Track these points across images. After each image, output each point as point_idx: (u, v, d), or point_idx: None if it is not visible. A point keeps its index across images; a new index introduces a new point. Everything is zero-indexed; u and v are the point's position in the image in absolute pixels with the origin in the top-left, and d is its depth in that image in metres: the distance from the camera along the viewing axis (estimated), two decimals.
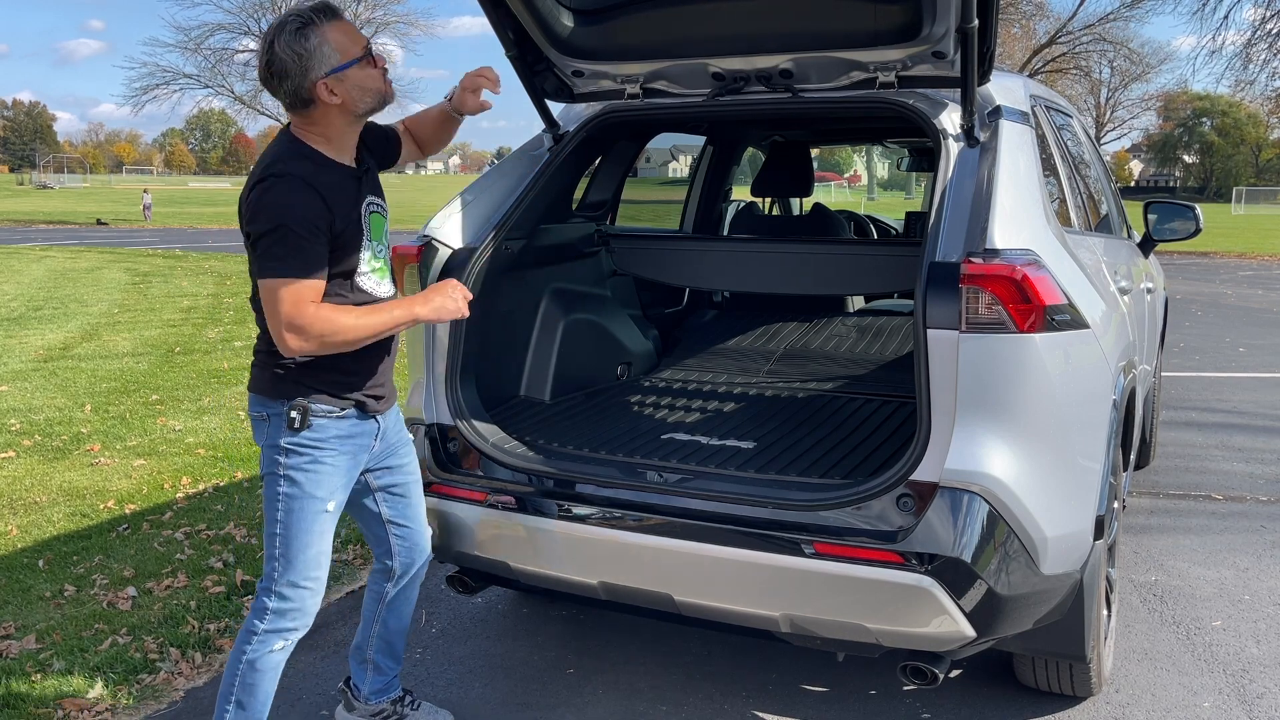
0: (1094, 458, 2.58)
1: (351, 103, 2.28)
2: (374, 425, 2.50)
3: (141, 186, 48.14)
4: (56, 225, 33.48)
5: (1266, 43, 28.36)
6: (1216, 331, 10.92)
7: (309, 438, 2.36)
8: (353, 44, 2.27)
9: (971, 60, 2.51)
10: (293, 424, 2.34)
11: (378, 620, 2.76)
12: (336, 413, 2.39)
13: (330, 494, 2.40)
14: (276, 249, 2.17)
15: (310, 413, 2.35)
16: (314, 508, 2.38)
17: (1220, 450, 5.91)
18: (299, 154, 2.28)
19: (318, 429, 2.37)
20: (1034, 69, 37.83)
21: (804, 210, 5.73)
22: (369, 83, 2.29)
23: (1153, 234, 4.50)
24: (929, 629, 2.34)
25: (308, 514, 2.38)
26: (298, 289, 2.18)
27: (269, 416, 2.37)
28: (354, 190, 2.34)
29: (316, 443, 2.37)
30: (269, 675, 2.43)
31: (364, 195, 2.38)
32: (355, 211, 2.32)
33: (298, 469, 2.36)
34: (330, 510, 2.41)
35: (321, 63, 2.22)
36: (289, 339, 2.19)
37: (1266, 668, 3.23)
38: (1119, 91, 58.46)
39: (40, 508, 4.78)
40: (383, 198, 2.51)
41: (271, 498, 2.38)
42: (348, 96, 2.27)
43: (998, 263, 2.30)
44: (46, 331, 10.30)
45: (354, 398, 2.42)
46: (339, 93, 2.25)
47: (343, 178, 2.32)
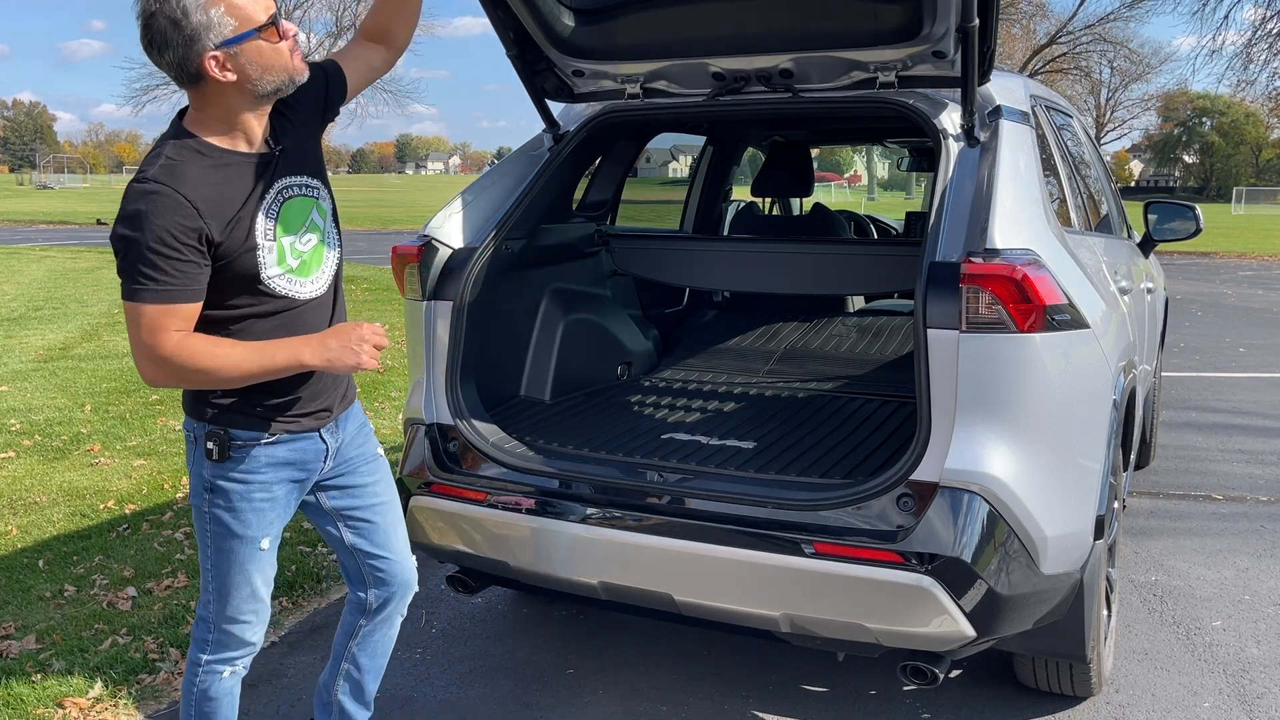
0: (1094, 458, 2.58)
1: (249, 81, 1.91)
2: (318, 445, 2.18)
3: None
4: (56, 225, 33.48)
5: (1267, 43, 28.37)
6: (1216, 331, 10.92)
7: (235, 471, 2.06)
8: (254, 9, 1.88)
9: (972, 60, 2.51)
10: (210, 455, 2.05)
11: (348, 658, 2.48)
12: (265, 438, 2.08)
13: (263, 531, 2.13)
14: (131, 268, 1.86)
15: (230, 442, 2.04)
16: (244, 549, 2.12)
17: (1220, 450, 5.91)
18: (180, 149, 1.93)
19: (243, 460, 2.06)
20: (1034, 69, 37.83)
21: (804, 210, 5.74)
22: (272, 59, 1.91)
23: (1153, 234, 4.50)
24: (929, 629, 2.34)
25: (238, 554, 2.13)
26: (156, 315, 1.87)
27: (196, 439, 2.10)
28: (254, 183, 1.99)
29: (244, 476, 2.07)
30: (225, 701, 2.28)
31: (273, 182, 2.02)
32: (252, 209, 1.97)
33: (223, 508, 2.08)
34: (265, 548, 2.16)
35: (210, 31, 1.84)
36: (144, 369, 1.92)
37: (1266, 668, 3.23)
38: (1119, 91, 58.51)
39: (40, 508, 4.78)
40: (314, 175, 2.13)
41: (200, 530, 2.14)
42: (244, 74, 1.90)
43: (998, 262, 2.30)
44: (46, 331, 10.30)
45: (285, 420, 2.09)
46: (234, 69, 1.88)
47: (241, 171, 1.98)
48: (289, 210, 2.05)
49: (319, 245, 2.12)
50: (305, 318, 2.09)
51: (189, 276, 1.89)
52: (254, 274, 1.99)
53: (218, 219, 1.92)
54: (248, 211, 1.97)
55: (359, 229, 33.51)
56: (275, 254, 2.02)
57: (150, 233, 1.84)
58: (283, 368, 1.96)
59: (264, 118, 2.02)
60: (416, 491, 2.86)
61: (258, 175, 2.00)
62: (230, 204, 1.94)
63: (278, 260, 2.03)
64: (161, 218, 1.84)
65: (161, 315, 1.88)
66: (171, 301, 1.88)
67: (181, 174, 1.89)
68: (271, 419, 2.07)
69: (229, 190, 1.95)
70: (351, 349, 1.98)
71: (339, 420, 2.24)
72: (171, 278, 1.87)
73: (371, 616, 2.45)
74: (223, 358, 1.92)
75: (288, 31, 1.96)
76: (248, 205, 1.97)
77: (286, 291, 2.06)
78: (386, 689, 3.11)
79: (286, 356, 1.96)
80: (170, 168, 1.89)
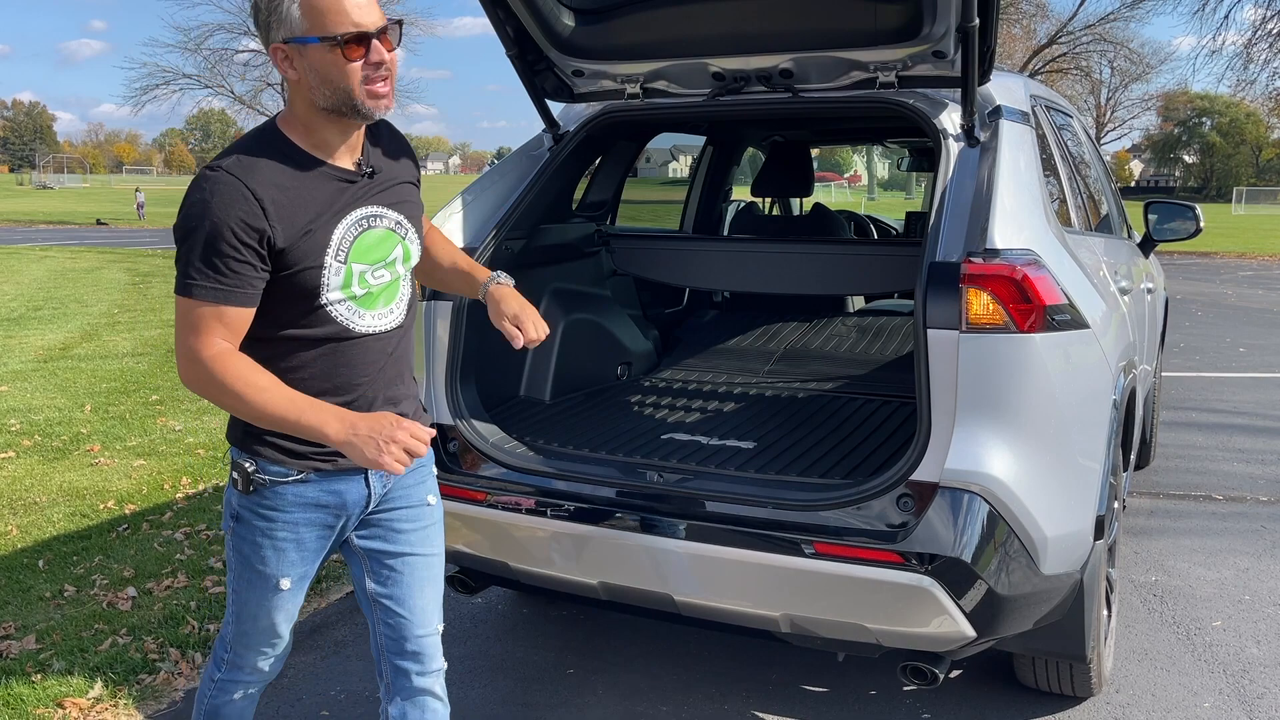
0: (1094, 458, 2.58)
1: (307, 86, 1.78)
2: (360, 489, 1.96)
3: (133, 186, 48.16)
4: (56, 225, 33.49)
5: (1267, 42, 28.36)
6: (1217, 331, 10.92)
7: (259, 506, 1.90)
8: (335, 18, 1.74)
9: (972, 60, 2.51)
10: (235, 485, 1.91)
11: None
12: (293, 476, 1.89)
13: (282, 572, 1.96)
14: (185, 260, 1.74)
15: (255, 476, 1.88)
16: (263, 585, 1.97)
17: (1220, 450, 5.91)
18: (262, 142, 1.83)
19: (270, 496, 1.89)
20: (1034, 69, 37.82)
21: (804, 210, 5.74)
22: (333, 73, 1.76)
23: (1153, 234, 4.50)
24: (929, 629, 2.34)
25: (256, 589, 1.98)
26: (202, 314, 1.74)
27: (232, 462, 1.95)
28: (332, 197, 1.84)
29: (268, 513, 1.90)
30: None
31: (356, 203, 1.87)
32: (327, 224, 1.82)
33: (245, 540, 1.94)
34: (284, 588, 1.98)
35: (283, 24, 1.76)
36: (182, 367, 1.78)
37: (1266, 668, 3.23)
38: (1119, 91, 58.46)
39: (40, 508, 4.77)
40: (409, 218, 1.97)
41: (228, 553, 2.01)
42: (304, 77, 1.78)
43: (998, 263, 2.30)
44: (46, 332, 10.30)
45: (319, 459, 1.89)
46: (295, 68, 1.78)
47: (321, 181, 1.83)
48: (369, 239, 1.88)
49: (393, 283, 1.94)
50: (354, 353, 1.89)
51: (242, 279, 1.75)
52: (315, 292, 1.82)
53: (285, 224, 1.77)
54: (322, 224, 1.81)
55: None
56: (343, 277, 1.85)
57: (210, 225, 1.71)
58: (306, 428, 1.75)
59: (346, 133, 1.86)
60: None
61: (339, 190, 1.85)
62: (302, 210, 1.79)
63: (343, 284, 1.85)
64: (224, 211, 1.71)
65: (208, 315, 1.74)
66: (220, 302, 1.74)
67: (254, 168, 1.76)
68: (303, 456, 1.88)
69: (304, 196, 1.80)
70: (378, 442, 1.72)
71: None
72: (224, 277, 1.73)
73: (390, 697, 2.07)
74: (254, 390, 1.74)
75: (372, 58, 1.77)
76: (323, 218, 1.82)
77: (344, 320, 1.87)
78: None
79: (313, 420, 1.74)
80: (244, 160, 1.77)
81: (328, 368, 1.87)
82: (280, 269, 1.79)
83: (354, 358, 1.90)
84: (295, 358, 1.86)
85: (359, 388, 1.91)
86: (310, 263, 1.80)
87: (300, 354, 1.86)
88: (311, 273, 1.81)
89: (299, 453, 1.87)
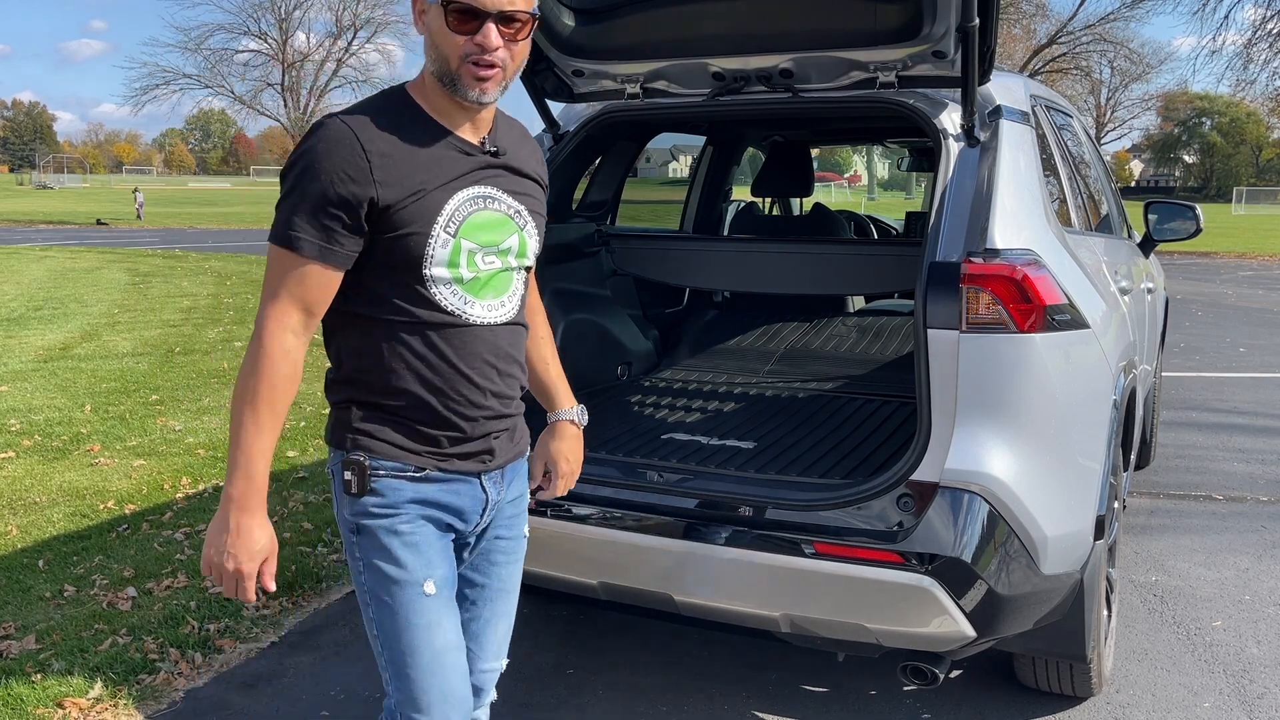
0: (1094, 458, 2.58)
1: (427, 47, 1.70)
2: (477, 493, 1.82)
3: (131, 186, 48.23)
4: (56, 225, 33.49)
5: (1267, 43, 28.37)
6: (1217, 331, 10.92)
7: (376, 506, 1.73)
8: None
9: (972, 60, 2.51)
10: (350, 488, 1.73)
11: None
12: (411, 471, 1.75)
13: (424, 571, 1.75)
14: (280, 202, 1.66)
15: (371, 472, 1.73)
16: (406, 597, 1.73)
17: (1220, 450, 5.91)
18: (386, 99, 1.73)
19: (387, 492, 1.74)
20: (1034, 69, 37.83)
21: (804, 210, 5.73)
22: (440, 38, 1.66)
23: (1153, 234, 4.50)
24: (929, 629, 2.34)
25: (402, 607, 1.74)
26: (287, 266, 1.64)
27: (332, 473, 1.79)
28: (449, 165, 1.71)
29: (388, 511, 1.74)
30: None
31: (474, 179, 1.74)
32: (441, 192, 1.69)
33: (373, 549, 1.74)
34: (431, 593, 1.75)
35: None
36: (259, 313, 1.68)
37: (1267, 668, 3.23)
38: (1119, 91, 58.51)
39: (40, 508, 4.77)
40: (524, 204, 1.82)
41: (359, 591, 1.79)
42: (426, 36, 1.70)
43: (998, 262, 2.30)
44: (46, 332, 10.30)
45: (435, 455, 1.76)
46: (423, 24, 1.70)
47: (438, 144, 1.71)
48: (482, 218, 1.74)
49: (504, 274, 1.79)
50: (464, 343, 1.74)
51: (332, 234, 1.63)
52: (417, 262, 1.68)
53: (393, 182, 1.65)
54: (435, 190, 1.69)
55: None
56: (449, 251, 1.70)
57: (310, 174, 1.62)
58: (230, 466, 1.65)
59: (463, 108, 1.72)
60: None
61: (457, 160, 1.73)
62: (415, 171, 1.67)
63: (449, 260, 1.70)
64: (327, 160, 1.62)
65: (291, 266, 1.63)
66: (305, 254, 1.63)
67: (370, 121, 1.67)
68: (419, 450, 1.75)
69: (418, 157, 1.68)
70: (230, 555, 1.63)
71: (505, 471, 1.88)
72: (314, 230, 1.63)
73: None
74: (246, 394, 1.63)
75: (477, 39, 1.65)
76: (436, 183, 1.69)
77: (451, 305, 1.72)
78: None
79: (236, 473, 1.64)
80: (362, 113, 1.68)
81: (437, 359, 1.73)
82: (384, 230, 1.66)
83: (465, 348, 1.74)
84: (403, 345, 1.71)
85: (469, 382, 1.75)
86: (417, 228, 1.67)
87: (408, 340, 1.71)
88: (416, 239, 1.67)
89: (414, 448, 1.75)
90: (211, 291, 14.09)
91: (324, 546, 4.24)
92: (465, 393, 1.75)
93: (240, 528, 1.63)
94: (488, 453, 1.81)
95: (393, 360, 1.72)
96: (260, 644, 3.43)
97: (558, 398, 2.09)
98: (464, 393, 1.75)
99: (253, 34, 35.69)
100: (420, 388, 1.72)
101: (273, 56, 35.64)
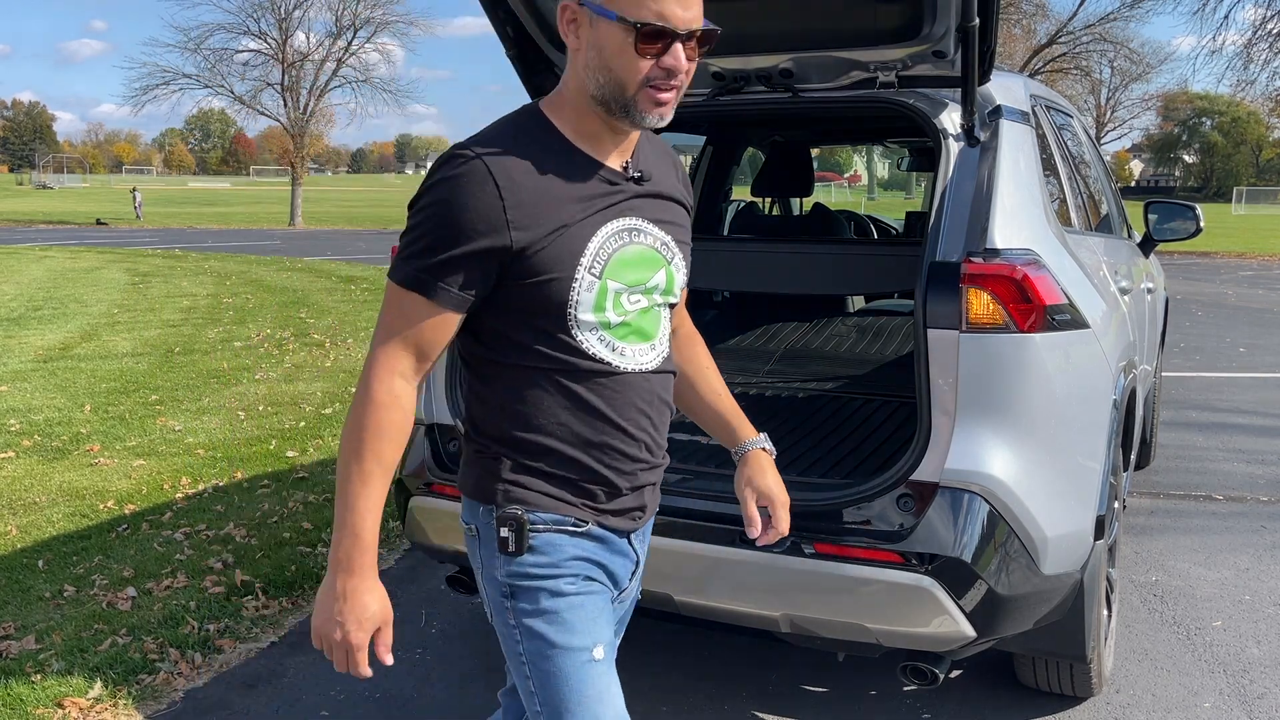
0: (1094, 458, 2.58)
1: (584, 64, 1.50)
2: (629, 554, 1.68)
3: (130, 186, 48.28)
4: (56, 225, 33.50)
5: (1267, 43, 28.35)
6: (1217, 331, 10.92)
7: (539, 564, 1.56)
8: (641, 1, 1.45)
9: (972, 60, 2.51)
10: (506, 546, 1.56)
11: None
12: (570, 525, 1.58)
13: (592, 637, 1.58)
14: (408, 242, 1.51)
15: (529, 528, 1.56)
16: (573, 664, 1.56)
17: (1221, 450, 5.91)
18: (520, 125, 1.55)
19: (548, 550, 1.57)
20: (1034, 69, 37.83)
21: (804, 210, 5.73)
22: (617, 58, 1.47)
23: (1153, 234, 4.50)
24: (929, 629, 2.34)
25: (569, 674, 1.56)
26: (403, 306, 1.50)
27: (477, 530, 1.62)
28: (593, 198, 1.54)
29: (549, 569, 1.57)
30: None
31: (620, 210, 1.57)
32: (586, 227, 1.52)
33: (533, 614, 1.57)
34: (600, 658, 1.59)
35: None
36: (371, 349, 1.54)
37: (1267, 668, 3.23)
38: (1119, 91, 58.43)
39: (40, 508, 4.77)
40: (670, 233, 1.64)
41: (512, 654, 1.62)
42: (584, 50, 1.50)
43: (998, 262, 2.30)
44: (46, 332, 10.30)
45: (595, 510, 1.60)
46: (578, 36, 1.50)
47: (580, 176, 1.53)
48: (628, 254, 1.57)
49: (651, 313, 1.62)
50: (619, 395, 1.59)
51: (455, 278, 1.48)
52: (561, 309, 1.52)
53: (530, 223, 1.48)
54: (576, 228, 1.52)
55: (359, 229, 33.53)
56: (595, 295, 1.54)
57: (438, 217, 1.47)
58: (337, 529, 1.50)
59: (616, 131, 1.56)
60: (416, 491, 2.86)
61: (602, 192, 1.55)
62: (555, 209, 1.50)
63: (595, 305, 1.54)
64: (458, 204, 1.46)
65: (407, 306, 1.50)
66: (423, 293, 1.49)
67: (506, 153, 1.49)
68: (579, 503, 1.60)
69: (559, 192, 1.51)
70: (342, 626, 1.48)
71: (643, 533, 1.73)
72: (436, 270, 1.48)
73: None
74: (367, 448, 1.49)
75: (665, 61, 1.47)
76: (579, 221, 1.52)
77: (598, 353, 1.56)
78: (386, 689, 3.11)
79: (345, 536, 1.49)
80: (496, 143, 1.51)
81: (587, 411, 1.57)
82: (521, 276, 1.50)
83: (617, 397, 1.59)
84: (550, 395, 1.56)
85: (623, 434, 1.60)
86: (558, 272, 1.51)
87: (555, 391, 1.56)
88: (559, 285, 1.51)
89: (572, 500, 1.59)
90: (211, 291, 14.08)
91: (324, 546, 4.24)
92: (619, 445, 1.60)
93: (348, 592, 1.48)
94: (639, 509, 1.67)
95: (540, 411, 1.57)
96: (260, 644, 3.43)
97: (740, 428, 1.89)
98: (617, 445, 1.60)
99: (252, 34, 35.63)
100: (571, 440, 1.57)
101: (272, 56, 35.57)
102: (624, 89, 1.48)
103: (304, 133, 36.28)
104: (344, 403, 7.03)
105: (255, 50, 35.59)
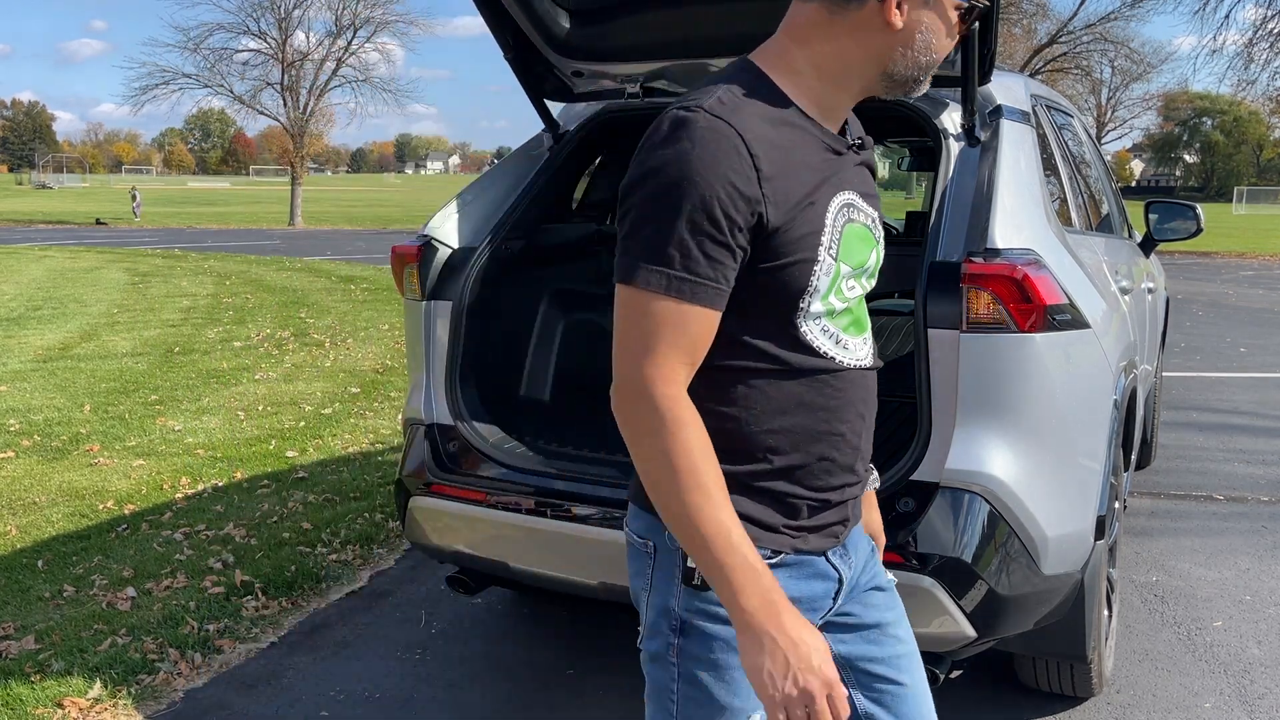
0: (1095, 458, 2.58)
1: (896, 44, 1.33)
2: (829, 575, 1.43)
3: (128, 186, 48.31)
4: (56, 225, 33.50)
5: (1268, 42, 28.34)
6: (1217, 331, 10.92)
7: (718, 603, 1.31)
8: None
9: (972, 60, 2.51)
10: (691, 578, 1.33)
11: None
12: (767, 556, 1.34)
13: (755, 701, 1.35)
14: (645, 235, 1.24)
15: None
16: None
17: (1221, 451, 5.91)
18: (747, 83, 1.32)
19: None
20: (1035, 68, 37.83)
21: None
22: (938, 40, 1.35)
23: (1153, 234, 4.50)
24: (929, 629, 2.33)
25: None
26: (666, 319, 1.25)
27: (654, 548, 1.40)
28: (825, 171, 1.33)
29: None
30: None
31: (845, 182, 1.37)
32: (825, 198, 1.32)
33: (699, 662, 1.38)
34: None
35: None
36: (621, 393, 1.31)
37: (1267, 668, 3.23)
38: (1120, 91, 58.42)
39: (39, 508, 4.77)
40: (877, 208, 1.46)
41: (661, 688, 1.47)
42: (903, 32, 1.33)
43: (998, 262, 2.29)
44: (46, 331, 10.30)
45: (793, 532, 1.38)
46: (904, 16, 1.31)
47: (814, 143, 1.33)
48: (852, 233, 1.37)
49: (861, 301, 1.46)
50: (838, 395, 1.39)
51: (719, 269, 1.25)
52: (798, 297, 1.31)
53: (781, 194, 1.27)
54: (821, 198, 1.32)
55: (359, 228, 33.53)
56: (831, 277, 1.33)
57: (686, 189, 1.21)
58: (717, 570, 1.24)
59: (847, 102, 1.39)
60: (416, 492, 2.85)
61: (828, 163, 1.35)
62: (802, 176, 1.30)
63: (829, 287, 1.34)
64: (708, 168, 1.22)
65: (671, 320, 1.25)
66: (688, 300, 1.24)
67: (743, 112, 1.27)
68: (775, 526, 1.37)
69: (799, 159, 1.30)
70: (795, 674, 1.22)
71: (850, 541, 1.48)
72: (698, 264, 1.23)
73: None
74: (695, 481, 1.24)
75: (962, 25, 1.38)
76: (821, 190, 1.32)
77: (825, 349, 1.36)
78: (386, 689, 3.11)
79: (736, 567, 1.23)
80: (731, 100, 1.28)
81: (805, 414, 1.37)
82: (765, 259, 1.28)
83: (839, 396, 1.39)
84: (764, 398, 1.35)
85: (840, 439, 1.40)
86: (803, 254, 1.29)
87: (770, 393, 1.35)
88: (801, 269, 1.30)
89: (771, 524, 1.36)
90: (211, 291, 14.08)
91: (324, 547, 4.24)
92: (833, 454, 1.39)
93: (786, 628, 1.22)
94: (842, 523, 1.44)
95: (749, 417, 1.35)
96: (260, 644, 3.43)
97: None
98: (831, 454, 1.39)
99: (252, 33, 35.62)
100: (784, 448, 1.36)
101: (272, 56, 35.56)
102: (932, 67, 1.37)
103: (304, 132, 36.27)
104: (344, 403, 7.03)
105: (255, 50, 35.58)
